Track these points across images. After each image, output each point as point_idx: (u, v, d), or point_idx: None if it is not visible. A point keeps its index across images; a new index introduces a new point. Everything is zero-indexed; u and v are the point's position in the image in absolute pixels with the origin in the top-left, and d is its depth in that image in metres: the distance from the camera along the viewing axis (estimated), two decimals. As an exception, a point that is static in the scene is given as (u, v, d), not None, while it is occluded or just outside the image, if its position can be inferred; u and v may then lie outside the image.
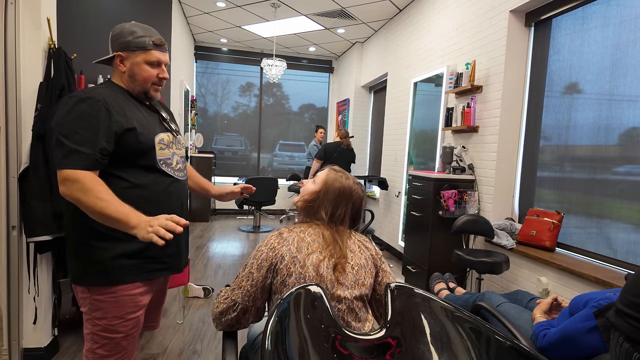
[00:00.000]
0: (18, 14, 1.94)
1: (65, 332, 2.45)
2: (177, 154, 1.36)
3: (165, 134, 1.33)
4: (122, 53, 1.28)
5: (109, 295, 1.23)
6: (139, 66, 1.28)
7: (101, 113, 1.16)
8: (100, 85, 1.31)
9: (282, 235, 1.14)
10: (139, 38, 1.27)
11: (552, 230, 2.55)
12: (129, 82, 1.30)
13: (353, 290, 1.12)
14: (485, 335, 0.82)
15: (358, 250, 1.19)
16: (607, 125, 2.35)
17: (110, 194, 1.11)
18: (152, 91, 1.32)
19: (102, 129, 1.16)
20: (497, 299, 1.87)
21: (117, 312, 1.24)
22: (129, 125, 1.21)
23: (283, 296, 0.90)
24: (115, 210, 1.08)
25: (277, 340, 0.76)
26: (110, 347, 1.26)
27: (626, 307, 0.98)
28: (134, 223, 1.07)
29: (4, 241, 2.01)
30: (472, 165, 3.27)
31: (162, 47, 1.31)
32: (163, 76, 1.32)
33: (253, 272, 1.11)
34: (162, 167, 1.29)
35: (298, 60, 7.51)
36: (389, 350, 0.80)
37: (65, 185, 1.11)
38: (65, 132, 1.13)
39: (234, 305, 1.14)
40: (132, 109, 1.27)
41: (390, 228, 4.95)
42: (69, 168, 1.11)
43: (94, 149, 1.13)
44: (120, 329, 1.26)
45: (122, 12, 4.08)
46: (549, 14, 2.73)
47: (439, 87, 3.86)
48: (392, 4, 4.71)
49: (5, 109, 1.95)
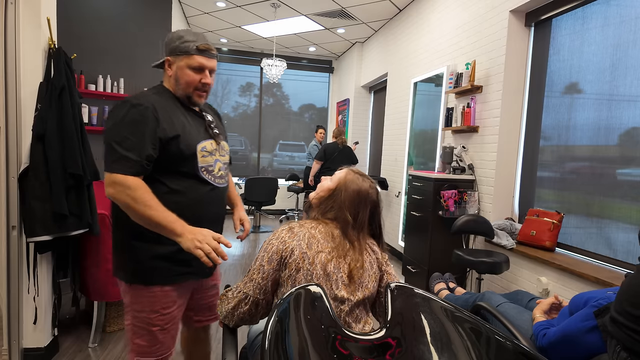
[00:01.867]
0: (18, 14, 1.94)
1: (65, 332, 2.45)
2: (220, 161, 1.39)
3: (208, 141, 1.35)
4: (170, 57, 1.32)
5: (146, 291, 1.30)
6: (182, 70, 1.30)
7: (149, 120, 1.21)
8: (152, 89, 1.35)
9: (293, 230, 1.13)
10: (184, 43, 1.29)
11: (552, 230, 2.55)
12: (175, 86, 1.33)
13: (356, 292, 1.12)
14: (485, 335, 0.82)
15: (365, 253, 1.18)
16: (607, 126, 2.35)
17: (157, 202, 1.16)
18: (195, 97, 1.34)
19: (149, 136, 1.20)
20: (497, 299, 1.87)
21: (153, 307, 1.30)
22: (173, 133, 1.24)
23: (283, 296, 0.90)
24: (163, 218, 1.15)
25: (277, 340, 0.76)
26: (148, 338, 1.32)
27: (622, 317, 0.97)
28: (179, 232, 1.15)
29: (4, 241, 2.01)
30: (472, 165, 3.27)
31: (207, 53, 1.31)
32: (206, 81, 1.32)
33: (264, 265, 1.11)
34: (203, 175, 1.32)
35: (298, 60, 7.51)
36: (389, 351, 0.80)
37: (114, 188, 1.16)
38: (117, 138, 1.18)
39: (246, 298, 1.14)
40: (178, 115, 1.30)
41: (390, 228, 4.95)
42: (118, 173, 1.16)
43: (140, 155, 1.18)
44: (157, 323, 1.32)
45: (122, 12, 4.08)
46: (549, 14, 2.73)
47: (439, 87, 3.86)
48: (392, 4, 4.71)
49: (5, 109, 1.95)
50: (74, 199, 2.03)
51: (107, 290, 2.34)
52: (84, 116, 3.74)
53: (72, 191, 2.02)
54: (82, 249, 2.29)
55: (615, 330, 0.98)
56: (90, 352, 2.26)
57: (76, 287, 2.31)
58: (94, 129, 3.88)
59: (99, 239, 2.26)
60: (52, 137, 1.94)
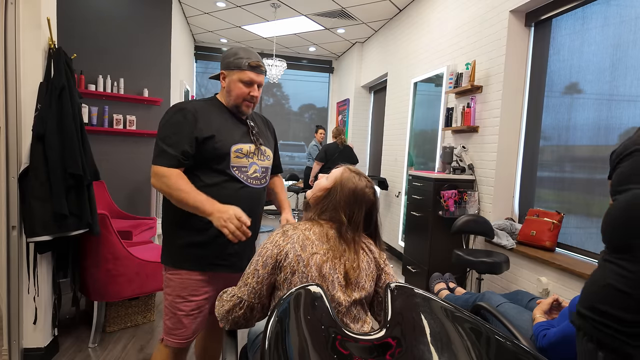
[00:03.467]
0: (18, 14, 1.94)
1: (65, 332, 2.45)
2: (256, 164, 1.52)
3: (247, 144, 1.49)
4: (225, 71, 1.48)
5: (176, 276, 1.44)
6: (234, 83, 1.45)
7: (189, 121, 1.38)
8: (203, 98, 1.54)
9: (287, 233, 1.13)
10: (238, 59, 1.44)
11: (552, 230, 2.55)
12: (227, 97, 1.49)
13: (353, 293, 1.11)
14: (485, 335, 0.82)
15: (361, 253, 1.18)
16: (607, 125, 2.35)
17: (190, 186, 1.33)
18: (243, 107, 1.49)
19: (187, 135, 1.37)
20: (497, 299, 1.87)
21: (180, 292, 1.44)
22: (209, 133, 1.40)
23: (283, 296, 0.89)
24: (193, 199, 1.31)
25: (277, 340, 0.76)
26: (174, 321, 1.45)
27: (589, 312, 0.99)
28: (208, 210, 1.30)
29: (4, 241, 2.01)
30: (472, 165, 3.26)
31: (257, 69, 1.46)
32: (254, 94, 1.47)
33: (258, 269, 1.11)
34: (234, 173, 1.45)
35: (298, 60, 7.51)
36: (389, 351, 0.80)
37: (156, 177, 1.35)
38: (161, 136, 1.38)
39: (240, 303, 1.13)
40: (218, 119, 1.45)
41: (390, 228, 4.95)
42: (159, 165, 1.35)
43: (177, 150, 1.35)
44: (182, 308, 1.44)
45: (122, 13, 4.08)
46: (549, 14, 2.73)
47: (439, 87, 3.86)
48: (392, 4, 4.71)
49: (5, 109, 1.95)
50: (74, 199, 2.03)
51: (107, 290, 2.34)
52: (84, 116, 3.74)
53: (72, 191, 2.02)
54: (82, 249, 2.29)
55: (583, 323, 1.00)
56: (90, 352, 2.27)
57: (76, 287, 2.31)
58: (94, 129, 3.88)
59: (99, 239, 2.26)
60: (52, 137, 1.94)
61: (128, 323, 2.60)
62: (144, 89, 4.18)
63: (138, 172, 4.22)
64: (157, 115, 4.30)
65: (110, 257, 2.31)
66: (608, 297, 0.96)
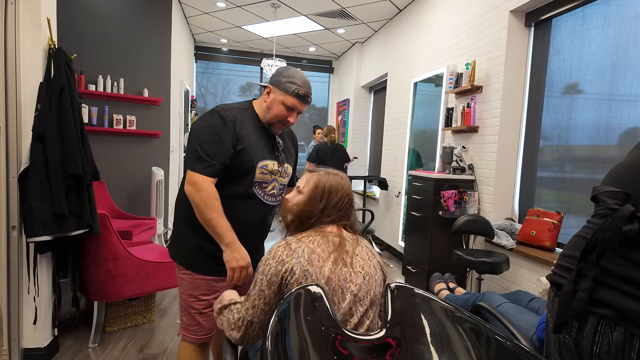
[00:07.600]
0: (18, 14, 1.94)
1: (65, 332, 2.45)
2: (277, 181, 1.53)
3: (272, 161, 1.50)
4: (272, 87, 1.47)
5: (188, 275, 1.46)
6: (277, 103, 1.45)
7: (228, 131, 1.37)
8: (241, 104, 1.51)
9: (291, 247, 1.07)
10: (290, 83, 1.44)
11: (552, 230, 2.55)
12: (264, 111, 1.48)
13: (365, 301, 1.07)
14: (485, 335, 0.82)
15: (367, 258, 1.14)
16: (607, 125, 2.35)
17: (221, 209, 1.34)
18: (276, 127, 1.49)
19: (226, 145, 1.37)
20: (497, 299, 1.87)
21: (192, 291, 1.46)
22: (241, 146, 1.40)
23: (283, 296, 0.89)
24: (220, 226, 1.34)
25: (277, 340, 0.76)
26: (189, 317, 1.48)
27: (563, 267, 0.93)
28: (227, 242, 1.34)
29: (4, 241, 2.01)
30: (472, 165, 3.26)
31: (304, 99, 1.46)
32: (290, 120, 1.48)
33: (264, 290, 1.06)
34: (255, 189, 1.47)
35: (298, 61, 7.51)
36: (389, 351, 0.80)
37: (192, 186, 1.34)
38: (201, 140, 1.36)
39: (252, 326, 1.08)
40: (251, 131, 1.45)
41: (390, 228, 4.95)
42: (196, 171, 1.34)
43: (217, 160, 1.35)
44: (195, 306, 1.47)
45: (122, 12, 4.08)
46: (549, 14, 2.73)
47: (439, 87, 3.86)
48: (392, 4, 4.71)
49: (5, 109, 1.95)
50: (74, 199, 2.03)
51: (107, 290, 2.34)
52: (84, 116, 3.74)
53: (72, 191, 2.02)
54: (82, 249, 2.29)
55: (555, 277, 0.95)
56: (90, 352, 2.27)
57: (76, 287, 2.31)
58: (94, 129, 3.88)
59: (99, 239, 2.26)
60: (52, 137, 1.94)
61: (128, 323, 2.60)
62: (144, 89, 4.18)
63: (138, 172, 4.22)
64: (157, 115, 4.30)
65: (110, 257, 2.31)
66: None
